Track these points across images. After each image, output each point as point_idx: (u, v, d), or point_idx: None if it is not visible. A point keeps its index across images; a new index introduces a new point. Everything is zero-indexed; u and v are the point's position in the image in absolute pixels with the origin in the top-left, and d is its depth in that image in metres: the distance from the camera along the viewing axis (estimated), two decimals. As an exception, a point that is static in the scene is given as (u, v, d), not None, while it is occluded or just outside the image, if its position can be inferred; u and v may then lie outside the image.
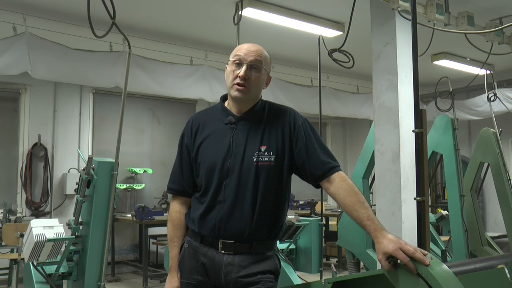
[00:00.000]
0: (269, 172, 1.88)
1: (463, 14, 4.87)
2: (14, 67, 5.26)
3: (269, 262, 1.91)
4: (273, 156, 1.90)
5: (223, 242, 1.87)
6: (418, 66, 2.67)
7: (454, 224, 4.77)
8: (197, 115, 2.08)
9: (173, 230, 2.03)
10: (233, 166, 1.88)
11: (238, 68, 1.92)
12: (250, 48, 1.95)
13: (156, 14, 5.63)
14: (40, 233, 3.34)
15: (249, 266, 1.86)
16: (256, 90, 1.95)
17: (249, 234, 1.86)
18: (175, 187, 2.05)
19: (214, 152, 1.93)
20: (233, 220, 1.86)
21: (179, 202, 2.05)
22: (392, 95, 4.24)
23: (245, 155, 1.89)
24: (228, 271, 1.86)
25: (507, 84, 7.86)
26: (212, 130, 1.98)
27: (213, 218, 1.88)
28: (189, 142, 2.01)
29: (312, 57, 5.52)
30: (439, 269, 1.52)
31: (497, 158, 5.02)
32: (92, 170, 3.45)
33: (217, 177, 1.90)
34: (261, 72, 1.94)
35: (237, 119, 1.96)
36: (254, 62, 1.92)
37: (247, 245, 1.87)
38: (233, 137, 1.92)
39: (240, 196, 1.87)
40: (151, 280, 6.68)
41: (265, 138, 1.92)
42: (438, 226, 6.38)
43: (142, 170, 7.57)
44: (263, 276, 1.86)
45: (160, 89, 6.44)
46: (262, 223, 1.88)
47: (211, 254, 1.89)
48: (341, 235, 5.02)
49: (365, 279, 1.80)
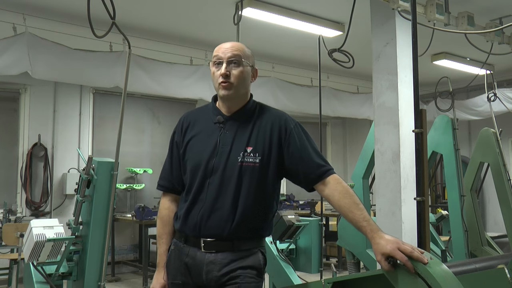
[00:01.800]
0: (252, 173, 1.89)
1: (463, 14, 4.87)
2: (14, 67, 5.26)
3: (251, 258, 1.90)
4: (259, 157, 1.90)
5: (205, 240, 1.88)
6: (418, 66, 2.67)
7: (454, 224, 4.77)
8: (189, 114, 2.10)
9: (162, 227, 2.04)
10: (217, 165, 1.90)
11: (218, 67, 1.95)
12: (226, 45, 1.98)
13: (156, 14, 5.63)
14: (40, 233, 3.33)
15: (231, 263, 1.86)
16: (241, 85, 1.96)
17: (229, 232, 1.86)
18: (164, 184, 2.07)
19: (200, 150, 1.95)
20: (213, 218, 1.87)
21: (168, 199, 2.06)
22: (392, 95, 4.24)
23: (230, 154, 1.90)
24: (210, 269, 1.87)
25: (507, 84, 7.86)
26: (201, 128, 2.00)
27: (195, 216, 1.90)
28: (179, 139, 2.04)
29: (312, 57, 5.51)
30: (438, 269, 1.52)
31: (497, 158, 5.02)
32: (92, 170, 3.45)
33: (201, 175, 1.91)
34: (242, 65, 1.95)
35: (226, 118, 1.97)
36: (232, 57, 1.93)
37: (228, 243, 1.88)
38: (220, 137, 1.94)
39: (222, 195, 1.88)
40: (151, 280, 6.66)
41: (252, 139, 1.92)
42: (438, 226, 6.37)
43: (142, 170, 7.57)
44: (243, 271, 1.86)
45: (160, 89, 6.44)
46: (244, 222, 1.87)
47: (193, 254, 1.90)
48: (341, 235, 5.02)
49: (365, 279, 1.80)
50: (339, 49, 4.13)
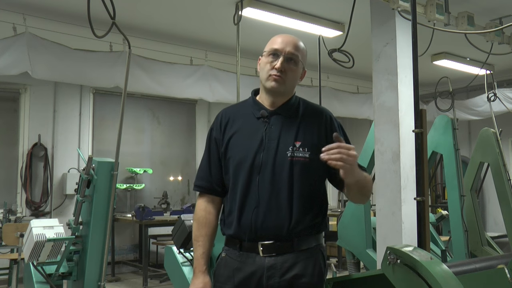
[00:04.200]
0: (304, 168, 1.80)
1: (463, 14, 4.87)
2: (14, 67, 5.26)
3: (312, 261, 1.80)
4: (308, 152, 1.82)
5: (263, 244, 1.77)
6: (418, 66, 2.67)
7: (454, 224, 4.76)
8: (227, 110, 1.98)
9: (198, 228, 1.90)
10: (266, 161, 1.80)
11: (274, 59, 1.86)
12: (288, 39, 1.90)
13: (156, 14, 5.63)
14: (40, 233, 3.33)
15: (293, 268, 1.76)
16: (291, 84, 1.90)
17: (288, 231, 1.76)
18: (202, 184, 1.94)
19: (245, 147, 1.84)
20: (270, 217, 1.77)
21: (205, 200, 1.93)
22: (392, 95, 4.23)
23: (278, 149, 1.81)
24: (271, 274, 1.76)
25: (507, 84, 7.86)
26: (242, 124, 1.89)
27: (248, 217, 1.79)
28: (218, 136, 1.91)
29: (312, 57, 5.50)
30: (438, 269, 1.52)
31: (497, 158, 5.02)
32: (92, 170, 3.45)
33: (247, 172, 1.81)
34: (298, 65, 1.89)
35: (270, 113, 1.88)
36: (291, 55, 1.87)
37: (288, 244, 1.77)
38: (266, 131, 1.84)
39: (275, 192, 1.78)
40: (151, 280, 6.68)
41: (300, 134, 1.84)
42: (438, 226, 6.37)
43: (142, 170, 7.57)
44: (305, 279, 1.77)
45: (160, 89, 6.44)
46: (301, 219, 1.78)
47: (251, 260, 1.78)
48: (341, 235, 5.02)
49: (365, 279, 1.80)
50: (339, 49, 4.13)
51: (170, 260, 3.49)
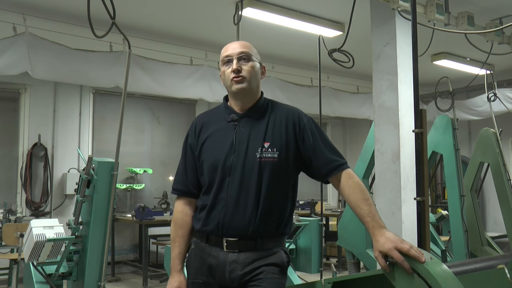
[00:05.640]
0: (273, 168, 1.88)
1: (463, 14, 4.87)
2: (14, 67, 5.26)
3: (274, 256, 1.89)
4: (277, 152, 1.89)
5: (227, 240, 1.87)
6: (418, 66, 2.67)
7: (454, 224, 4.77)
8: (201, 116, 2.10)
9: (175, 230, 2.02)
10: (236, 163, 1.88)
11: (229, 65, 1.95)
12: (234, 44, 2.00)
13: (156, 14, 5.63)
14: (40, 233, 3.34)
15: (254, 262, 1.85)
16: (253, 79, 1.96)
17: (252, 231, 1.85)
18: (179, 187, 2.05)
19: (217, 150, 1.93)
20: (236, 217, 1.86)
21: (182, 202, 2.04)
22: (392, 95, 4.24)
23: (248, 151, 1.89)
24: (233, 269, 1.85)
25: (507, 84, 7.86)
26: (215, 128, 1.99)
27: (216, 215, 1.88)
28: (193, 141, 2.03)
29: (312, 57, 5.52)
30: (438, 269, 1.52)
31: (497, 158, 5.02)
32: (92, 170, 3.45)
33: (220, 174, 1.90)
34: (251, 60, 1.96)
35: (239, 116, 1.96)
36: (241, 54, 1.95)
37: (251, 242, 1.86)
38: (236, 134, 1.93)
39: (243, 193, 1.86)
40: (151, 280, 6.68)
41: (268, 134, 1.92)
42: (438, 226, 6.38)
43: (142, 170, 7.57)
44: (266, 267, 1.85)
45: (160, 89, 6.44)
46: (266, 220, 1.87)
47: (215, 254, 1.88)
48: (341, 235, 5.02)
49: (365, 279, 1.80)
50: (339, 49, 4.13)
51: (170, 260, 3.49)
